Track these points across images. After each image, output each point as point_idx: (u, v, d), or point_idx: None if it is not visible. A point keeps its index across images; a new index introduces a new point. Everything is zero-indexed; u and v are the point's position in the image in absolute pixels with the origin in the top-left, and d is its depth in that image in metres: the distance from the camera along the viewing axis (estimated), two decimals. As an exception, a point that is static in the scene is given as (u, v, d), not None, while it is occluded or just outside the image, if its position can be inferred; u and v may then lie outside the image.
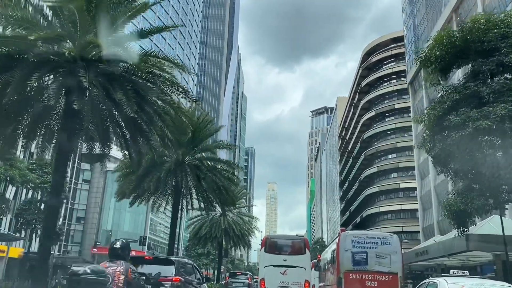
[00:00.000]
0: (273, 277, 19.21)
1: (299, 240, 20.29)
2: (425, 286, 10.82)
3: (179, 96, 14.57)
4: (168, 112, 13.62)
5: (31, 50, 11.70)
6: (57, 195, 12.73)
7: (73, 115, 12.60)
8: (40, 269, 11.66)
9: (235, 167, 24.90)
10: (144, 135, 13.78)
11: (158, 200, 26.50)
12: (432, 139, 16.24)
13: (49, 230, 12.32)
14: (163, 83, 12.97)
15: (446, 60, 16.74)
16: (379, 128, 69.24)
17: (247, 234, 39.02)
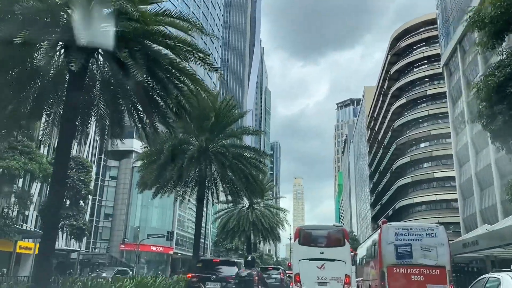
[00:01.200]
0: (309, 272, 17.18)
1: (337, 230, 18.18)
2: (483, 282, 8.78)
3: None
4: (185, 83, 11.70)
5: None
6: (61, 182, 11.03)
7: (78, 87, 10.88)
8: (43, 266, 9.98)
9: (263, 155, 22.88)
10: (159, 110, 11.94)
11: (182, 191, 24.80)
12: (491, 111, 13.87)
13: (52, 223, 10.64)
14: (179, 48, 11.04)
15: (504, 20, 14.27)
16: (410, 116, 65.91)
17: (276, 227, 37.03)
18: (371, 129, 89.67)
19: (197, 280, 13.90)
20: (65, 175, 11.41)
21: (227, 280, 13.56)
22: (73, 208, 33.68)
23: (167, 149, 21.09)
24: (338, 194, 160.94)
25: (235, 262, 15.15)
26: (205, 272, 14.05)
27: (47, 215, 10.99)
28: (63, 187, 11.38)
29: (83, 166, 34.28)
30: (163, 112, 12.24)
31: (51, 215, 10.48)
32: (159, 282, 15.46)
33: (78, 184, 32.97)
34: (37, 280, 9.81)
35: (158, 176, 21.33)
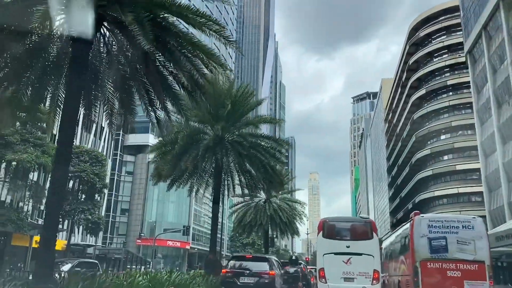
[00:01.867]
0: (334, 267, 15.90)
1: (364, 222, 16.81)
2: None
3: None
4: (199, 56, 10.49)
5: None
6: (64, 165, 9.97)
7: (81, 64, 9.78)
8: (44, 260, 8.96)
9: (282, 144, 21.60)
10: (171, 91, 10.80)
11: (197, 183, 23.74)
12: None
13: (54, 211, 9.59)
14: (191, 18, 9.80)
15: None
16: (430, 107, 63.87)
17: (294, 221, 35.77)
18: (389, 122, 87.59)
19: (232, 275, 14.54)
20: (67, 162, 10.36)
21: (260, 276, 14.12)
22: (88, 202, 32.98)
23: (182, 139, 20.03)
24: (355, 188, 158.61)
25: (267, 258, 15.48)
26: (238, 267, 14.65)
27: (48, 203, 9.99)
28: (65, 174, 10.31)
29: (98, 160, 33.53)
30: (175, 93, 11.09)
31: (53, 204, 9.47)
32: (174, 277, 14.38)
33: (92, 178, 32.21)
34: (38, 275, 8.80)
35: (173, 167, 20.27)
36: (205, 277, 18.77)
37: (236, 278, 14.37)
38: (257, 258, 15.89)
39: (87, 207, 32.43)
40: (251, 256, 16.00)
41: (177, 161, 20.06)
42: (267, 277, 14.38)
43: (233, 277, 14.50)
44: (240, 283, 14.30)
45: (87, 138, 44.27)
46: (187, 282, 15.37)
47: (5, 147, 24.34)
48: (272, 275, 14.60)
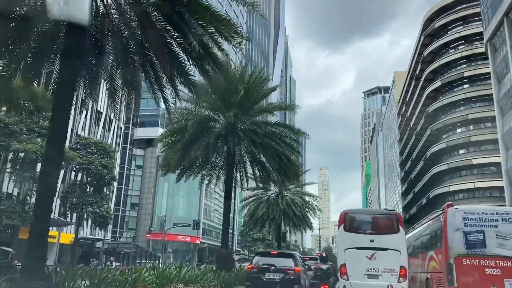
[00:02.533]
0: (357, 262, 14.62)
1: (389, 214, 15.43)
2: None
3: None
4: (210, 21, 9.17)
5: None
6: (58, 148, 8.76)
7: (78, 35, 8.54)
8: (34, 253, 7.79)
9: (297, 132, 20.26)
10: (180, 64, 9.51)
11: (208, 174, 22.55)
12: None
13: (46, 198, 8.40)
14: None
15: None
16: (446, 100, 61.91)
17: (308, 215, 34.46)
18: (402, 116, 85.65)
19: (257, 271, 14.32)
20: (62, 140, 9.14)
21: (286, 272, 13.97)
22: (96, 195, 31.96)
23: (191, 126, 18.82)
24: (366, 184, 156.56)
25: (292, 254, 15.47)
26: (263, 263, 14.47)
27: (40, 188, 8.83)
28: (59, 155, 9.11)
29: (106, 152, 32.48)
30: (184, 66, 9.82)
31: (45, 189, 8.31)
32: (184, 273, 13.22)
33: (100, 170, 31.18)
34: (28, 270, 7.64)
35: (182, 156, 19.07)
36: (217, 273, 17.60)
37: (262, 274, 14.13)
38: (282, 254, 15.79)
39: (95, 200, 31.42)
40: (276, 252, 15.92)
41: (187, 150, 18.87)
42: (292, 273, 14.15)
43: (258, 272, 14.24)
44: (265, 279, 14.06)
45: (95, 130, 43.39)
46: (198, 278, 14.20)
47: (10, 137, 23.35)
48: (297, 271, 14.30)
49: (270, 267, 14.13)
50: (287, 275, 14.03)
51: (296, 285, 14.11)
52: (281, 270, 14.09)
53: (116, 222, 60.74)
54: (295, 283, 14.20)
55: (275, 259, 14.69)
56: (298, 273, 14.42)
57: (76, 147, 31.70)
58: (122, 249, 40.25)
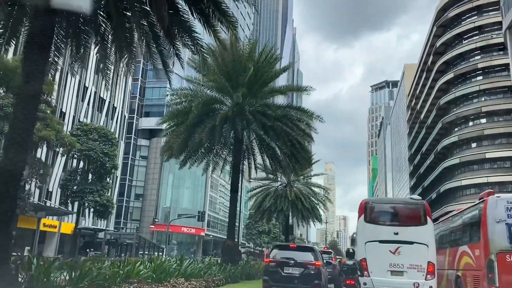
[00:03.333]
0: (379, 257, 12.99)
1: (415, 204, 13.74)
2: None
3: None
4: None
5: None
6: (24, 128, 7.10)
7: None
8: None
9: (312, 115, 18.52)
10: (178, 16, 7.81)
11: (213, 160, 20.94)
12: None
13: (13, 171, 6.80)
14: None
15: None
16: (459, 92, 59.69)
17: (318, 207, 32.81)
18: (411, 109, 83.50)
19: (275, 265, 13.34)
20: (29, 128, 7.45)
21: (306, 266, 13.09)
22: (97, 183, 30.52)
23: (196, 107, 17.21)
24: (372, 179, 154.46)
25: (312, 248, 14.66)
26: (282, 257, 13.53)
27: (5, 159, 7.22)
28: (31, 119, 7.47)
29: (107, 139, 30.97)
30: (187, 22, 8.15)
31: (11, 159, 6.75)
32: (186, 266, 11.65)
33: (101, 158, 29.70)
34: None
35: (186, 140, 17.47)
36: (223, 266, 16.06)
37: (280, 268, 13.13)
38: (302, 247, 15.00)
39: (95, 188, 29.98)
40: (295, 245, 15.03)
41: (191, 134, 17.27)
42: (313, 268, 13.18)
43: (276, 267, 13.23)
44: (284, 273, 13.05)
45: (98, 118, 41.90)
46: (202, 272, 12.65)
47: (3, 119, 21.85)
48: (318, 266, 13.31)
49: (289, 261, 13.12)
50: (307, 269, 13.03)
51: (316, 281, 13.02)
52: (300, 265, 13.10)
53: (120, 212, 59.48)
54: (316, 278, 13.10)
55: (294, 252, 13.66)
56: (318, 268, 13.31)
57: (76, 133, 30.22)
58: (124, 240, 38.89)
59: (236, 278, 16.83)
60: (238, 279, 17.30)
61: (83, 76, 40.13)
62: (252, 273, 19.44)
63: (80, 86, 39.78)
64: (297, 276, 12.96)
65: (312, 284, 12.92)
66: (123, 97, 48.31)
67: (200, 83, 18.65)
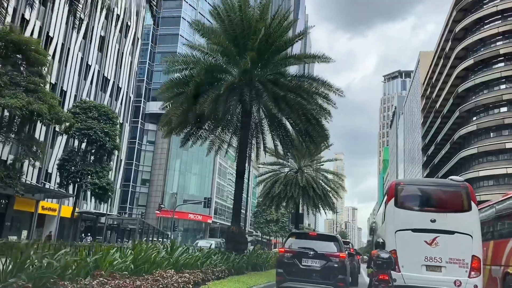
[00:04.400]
0: (412, 249, 10.73)
1: (456, 186, 11.36)
2: None
3: None
4: None
5: None
6: None
7: None
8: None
9: (331, 87, 16.05)
10: None
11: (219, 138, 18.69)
12: None
13: None
14: None
15: None
16: (479, 79, 56.63)
17: (330, 195, 30.45)
18: (426, 98, 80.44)
19: (291, 256, 11.11)
20: None
21: (328, 258, 10.82)
22: (96, 165, 28.52)
23: (199, 74, 14.93)
24: (383, 170, 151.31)
25: (335, 237, 12.13)
26: (300, 247, 11.28)
27: None
28: None
29: (108, 117, 28.88)
30: None
31: None
32: (178, 255, 9.44)
33: (101, 137, 27.64)
34: None
35: (186, 111, 15.19)
36: (225, 255, 13.87)
37: (298, 260, 10.92)
38: (323, 236, 12.61)
39: (94, 169, 27.98)
40: (316, 233, 12.85)
41: (192, 105, 14.99)
42: (337, 260, 10.86)
43: (293, 258, 11.01)
44: (302, 266, 10.82)
45: (101, 98, 39.76)
46: (198, 262, 10.45)
47: (-10, 90, 19.80)
48: (342, 258, 11.03)
49: (308, 252, 10.91)
50: (329, 262, 10.76)
51: (340, 275, 10.76)
52: (322, 256, 10.86)
53: (126, 198, 57.82)
54: (340, 272, 10.78)
55: (314, 242, 11.36)
56: (343, 261, 11.01)
57: (75, 111, 28.17)
58: (127, 225, 37.03)
59: (241, 269, 14.67)
60: (244, 270, 15.13)
61: (85, 53, 37.96)
62: (260, 264, 17.26)
63: (83, 64, 37.61)
64: (318, 269, 10.69)
65: (336, 279, 10.67)
66: (129, 78, 46.13)
67: (205, 50, 16.30)
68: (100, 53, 40.54)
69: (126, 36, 45.20)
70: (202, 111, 14.24)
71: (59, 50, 34.24)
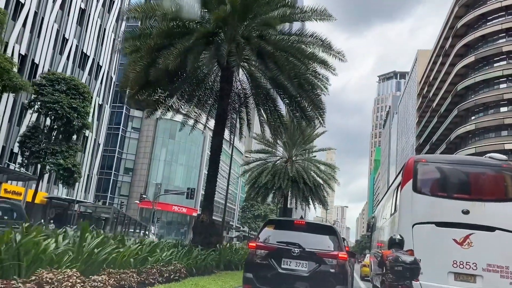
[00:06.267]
0: (436, 250, 7.66)
1: (497, 167, 8.24)
2: None
3: None
4: None
5: None
6: None
7: None
8: None
9: (331, 48, 12.85)
10: None
11: (194, 111, 15.47)
12: None
13: None
14: None
15: None
16: (479, 77, 53.88)
17: (322, 188, 27.37)
18: (423, 97, 77.83)
19: (267, 254, 7.20)
20: None
21: (321, 259, 6.91)
22: (62, 143, 25.15)
23: (163, 22, 11.70)
24: (374, 170, 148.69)
25: (332, 228, 7.89)
26: (279, 241, 7.32)
27: None
28: None
29: (78, 92, 25.50)
30: None
31: None
32: (91, 248, 6.12)
33: (68, 113, 24.29)
34: None
35: (147, 67, 11.91)
36: (184, 250, 10.67)
37: (275, 261, 7.05)
38: (315, 226, 8.03)
39: (60, 149, 24.62)
40: (304, 222, 7.99)
41: (154, 59, 11.73)
42: (334, 263, 6.94)
43: (269, 257, 7.15)
44: (282, 269, 6.96)
45: (79, 75, 36.01)
46: (131, 260, 7.21)
47: None
48: (342, 260, 7.06)
49: (292, 249, 7.06)
50: (323, 265, 6.92)
51: (339, 286, 6.93)
52: (312, 256, 6.99)
53: (107, 186, 54.38)
54: (338, 281, 6.93)
55: (302, 234, 7.45)
56: (343, 264, 7.09)
57: (40, 82, 24.77)
58: (100, 214, 33.66)
59: (209, 268, 11.50)
60: (214, 269, 11.97)
61: (62, 25, 34.38)
62: (236, 262, 14.10)
63: (59, 37, 34.05)
64: (305, 275, 6.87)
65: None
66: (111, 57, 42.55)
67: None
68: (80, 27, 36.96)
69: (110, 11, 41.63)
70: (166, 65, 10.98)
71: (31, 18, 30.71)
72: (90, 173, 41.98)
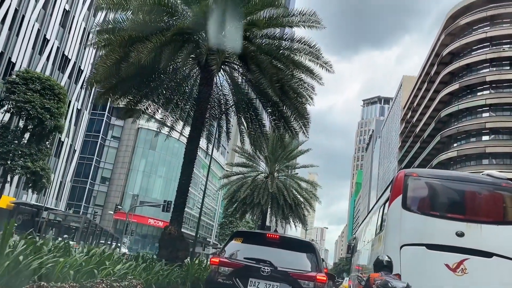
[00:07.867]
0: (425, 275, 6.71)
1: (495, 186, 7.40)
2: None
3: None
4: None
5: None
6: None
7: None
8: None
9: (318, 54, 12.04)
10: None
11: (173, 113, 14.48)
12: None
13: None
14: None
15: None
16: (463, 105, 54.52)
17: (302, 206, 26.41)
18: (406, 122, 78.41)
19: (232, 272, 6.08)
20: None
21: (295, 281, 5.84)
22: (32, 146, 23.74)
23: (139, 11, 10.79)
24: (355, 193, 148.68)
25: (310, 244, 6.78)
26: (247, 257, 6.21)
27: None
28: None
29: (53, 92, 24.26)
30: None
31: None
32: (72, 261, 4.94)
33: (40, 113, 22.99)
34: None
35: (119, 61, 10.91)
36: (149, 265, 9.52)
37: (241, 281, 5.96)
38: (290, 241, 6.96)
39: (29, 151, 23.20)
40: (278, 236, 6.79)
41: (128, 52, 10.76)
42: (310, 286, 5.87)
43: (233, 276, 6.04)
44: None
45: (58, 78, 34.67)
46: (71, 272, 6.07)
47: None
48: (321, 283, 5.92)
49: (262, 268, 5.97)
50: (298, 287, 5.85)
51: None
52: (285, 277, 5.92)
53: (82, 195, 52.41)
54: None
55: (275, 250, 6.37)
56: (321, 286, 6.01)
57: (14, 80, 23.48)
58: (69, 222, 31.92)
59: (173, 286, 10.33)
60: (178, 286, 10.81)
61: (44, 25, 33.21)
62: (204, 279, 12.93)
63: (39, 36, 32.83)
64: None
65: None
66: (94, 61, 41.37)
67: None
68: (62, 28, 35.81)
69: (96, 15, 40.68)
70: (139, 59, 10.00)
71: (11, 15, 29.50)
72: (63, 180, 40.20)
